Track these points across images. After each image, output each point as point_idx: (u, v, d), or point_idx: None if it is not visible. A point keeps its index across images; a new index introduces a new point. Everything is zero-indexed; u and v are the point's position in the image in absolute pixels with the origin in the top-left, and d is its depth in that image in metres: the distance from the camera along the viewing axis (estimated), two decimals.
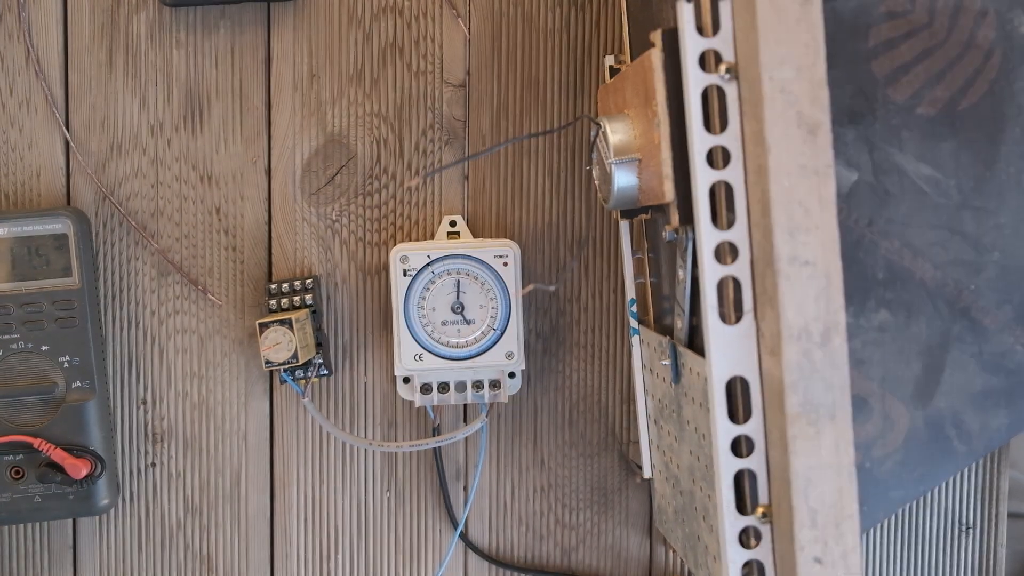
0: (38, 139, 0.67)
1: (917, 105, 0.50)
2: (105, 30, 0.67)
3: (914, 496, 0.51)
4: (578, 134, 0.70)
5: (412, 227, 0.70)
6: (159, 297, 0.69)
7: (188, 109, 0.68)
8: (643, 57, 0.51)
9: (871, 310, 0.50)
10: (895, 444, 0.51)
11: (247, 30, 0.68)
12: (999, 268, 0.50)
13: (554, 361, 0.71)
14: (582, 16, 0.69)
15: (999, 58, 0.50)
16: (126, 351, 0.69)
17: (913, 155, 0.50)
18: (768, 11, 0.43)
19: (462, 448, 0.71)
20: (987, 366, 0.51)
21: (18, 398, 0.64)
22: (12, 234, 0.64)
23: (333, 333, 0.70)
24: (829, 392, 0.44)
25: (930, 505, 0.72)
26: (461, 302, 0.66)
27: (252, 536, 0.70)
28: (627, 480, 0.72)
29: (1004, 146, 0.50)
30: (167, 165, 0.68)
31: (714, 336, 0.47)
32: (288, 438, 0.70)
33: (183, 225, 0.68)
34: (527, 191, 0.70)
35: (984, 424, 0.52)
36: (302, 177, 0.69)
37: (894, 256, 0.50)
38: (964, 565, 0.73)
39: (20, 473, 0.65)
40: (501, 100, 0.70)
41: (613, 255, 0.71)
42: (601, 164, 0.57)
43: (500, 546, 0.72)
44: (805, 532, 0.45)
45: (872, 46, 0.49)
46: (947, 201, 0.50)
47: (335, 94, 0.69)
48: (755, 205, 0.45)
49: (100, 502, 0.66)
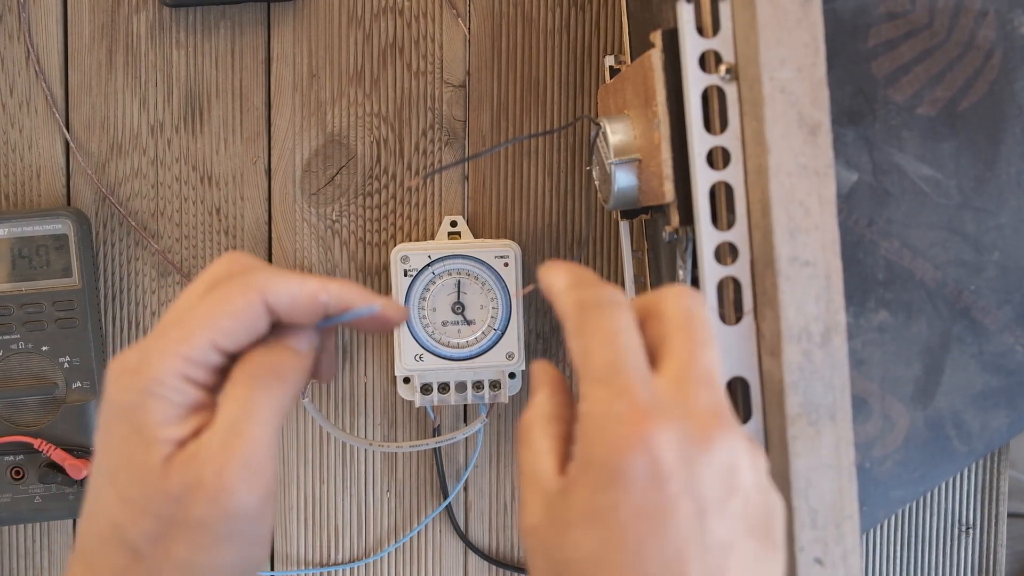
0: (38, 139, 0.67)
1: (917, 105, 0.50)
2: (105, 30, 0.67)
3: (914, 496, 0.51)
4: (578, 134, 0.70)
5: (412, 227, 0.70)
6: (159, 297, 0.69)
7: (188, 109, 0.68)
8: (643, 57, 0.51)
9: (871, 310, 0.50)
10: (895, 444, 0.51)
11: (247, 30, 0.68)
12: (999, 268, 0.50)
13: (554, 361, 0.71)
14: (582, 16, 0.69)
15: (999, 58, 0.50)
16: None
17: (913, 155, 0.50)
18: (768, 11, 0.43)
19: (462, 448, 0.71)
20: (987, 366, 0.51)
21: (18, 398, 0.64)
22: (12, 234, 0.64)
23: (333, 333, 0.70)
24: (829, 392, 0.44)
25: (930, 505, 0.72)
26: (462, 302, 0.66)
27: None
28: None
29: (1004, 146, 0.50)
30: (167, 165, 0.68)
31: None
32: (288, 438, 0.70)
33: (183, 225, 0.68)
34: (527, 191, 0.70)
35: (984, 424, 0.51)
36: (302, 177, 0.69)
37: (894, 256, 0.50)
38: (964, 565, 0.73)
39: (20, 473, 0.65)
40: (501, 100, 0.70)
41: (613, 255, 0.71)
42: (601, 164, 0.57)
43: (500, 546, 0.72)
44: (805, 532, 0.45)
45: (872, 46, 0.49)
46: (947, 201, 0.50)
47: (335, 94, 0.69)
48: (755, 205, 0.45)
49: None
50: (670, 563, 0.30)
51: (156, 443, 0.33)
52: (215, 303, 0.34)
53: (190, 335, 0.34)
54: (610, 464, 0.31)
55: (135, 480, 0.33)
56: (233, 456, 0.33)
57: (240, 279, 0.35)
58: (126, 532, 0.33)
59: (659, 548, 0.30)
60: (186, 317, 0.34)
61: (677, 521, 0.30)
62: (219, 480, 0.32)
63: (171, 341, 0.34)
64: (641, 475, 0.30)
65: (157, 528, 0.33)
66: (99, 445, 0.34)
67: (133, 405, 0.33)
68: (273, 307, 0.35)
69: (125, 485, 0.33)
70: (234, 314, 0.34)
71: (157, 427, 0.33)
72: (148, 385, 0.33)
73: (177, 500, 0.32)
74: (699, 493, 0.31)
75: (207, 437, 0.33)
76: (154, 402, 0.33)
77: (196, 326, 0.34)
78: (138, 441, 0.33)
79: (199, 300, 0.35)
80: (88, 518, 0.35)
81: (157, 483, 0.33)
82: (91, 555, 0.34)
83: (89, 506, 0.35)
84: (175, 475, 0.33)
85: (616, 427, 0.31)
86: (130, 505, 0.33)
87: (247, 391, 0.34)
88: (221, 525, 0.33)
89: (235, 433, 0.33)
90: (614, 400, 0.32)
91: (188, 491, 0.32)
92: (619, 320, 0.34)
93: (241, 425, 0.33)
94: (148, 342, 0.34)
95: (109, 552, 0.33)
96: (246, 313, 0.35)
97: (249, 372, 0.35)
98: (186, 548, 0.33)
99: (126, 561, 0.33)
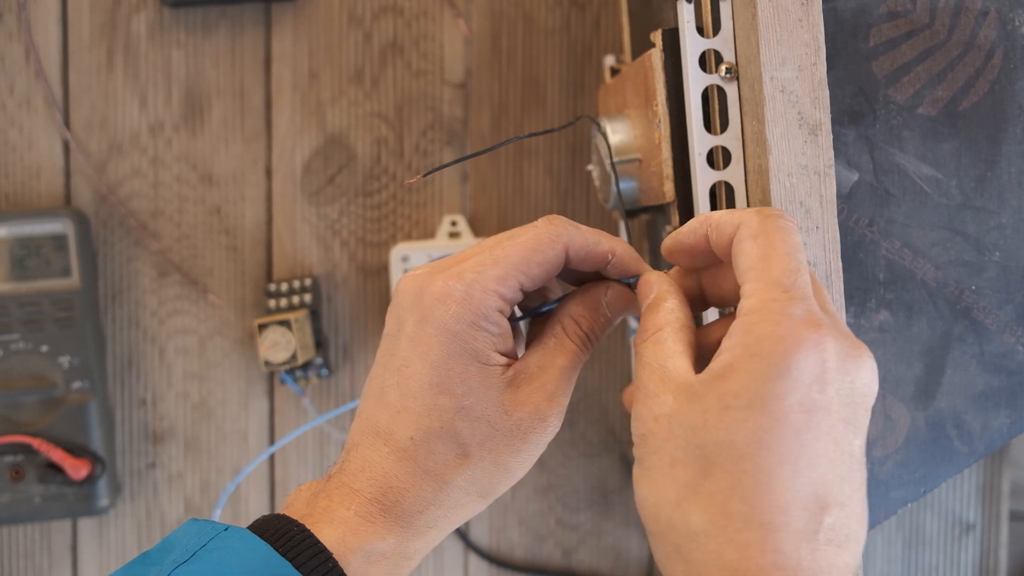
0: (38, 139, 0.67)
1: (918, 105, 0.49)
2: (105, 30, 0.67)
3: (915, 496, 0.51)
4: (578, 134, 0.70)
5: (412, 227, 0.70)
6: (159, 297, 0.69)
7: (188, 109, 0.68)
8: (643, 57, 0.50)
9: (872, 310, 0.50)
10: (896, 444, 0.51)
11: (247, 30, 0.68)
12: (1000, 268, 0.50)
13: None
14: (582, 16, 0.69)
15: (1000, 58, 0.50)
16: (126, 351, 0.69)
17: (914, 155, 0.50)
18: (768, 11, 0.43)
19: None
20: (988, 366, 0.51)
21: (18, 398, 0.64)
22: (12, 234, 0.64)
23: (333, 333, 0.70)
24: None
25: (930, 505, 0.72)
26: None
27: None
28: (627, 480, 0.72)
29: (1005, 146, 0.50)
30: (167, 165, 0.68)
31: None
32: None
33: (183, 225, 0.68)
34: (527, 191, 0.70)
35: (985, 424, 0.51)
36: (302, 177, 0.69)
37: (895, 256, 0.50)
38: (964, 565, 0.72)
39: (20, 474, 0.65)
40: (501, 100, 0.70)
41: None
42: (601, 164, 0.57)
43: (500, 546, 0.72)
44: None
45: (873, 46, 0.49)
46: (948, 201, 0.50)
47: (335, 94, 0.69)
48: (756, 205, 0.45)
49: (100, 503, 0.66)
50: (820, 457, 0.34)
51: (490, 366, 0.40)
52: (529, 251, 0.40)
53: (506, 277, 0.39)
54: (783, 357, 0.34)
55: (473, 393, 0.39)
56: (547, 382, 0.41)
57: (547, 229, 0.40)
58: (459, 433, 0.39)
59: (814, 441, 0.34)
60: (501, 259, 0.40)
61: (831, 421, 0.34)
62: (541, 396, 0.40)
63: (491, 280, 0.39)
64: (810, 373, 0.34)
65: (488, 432, 0.39)
66: (422, 357, 0.39)
67: (464, 333, 0.39)
68: (570, 259, 0.41)
69: (463, 395, 0.39)
70: (543, 263, 0.40)
71: (489, 353, 0.40)
72: (475, 318, 0.39)
73: (507, 412, 0.40)
74: (849, 400, 0.35)
75: (526, 364, 0.41)
76: (481, 332, 0.39)
77: (512, 269, 0.40)
78: (475, 363, 0.39)
79: (509, 241, 0.40)
80: (399, 415, 0.40)
81: (496, 397, 0.39)
82: (412, 451, 0.40)
83: (400, 404, 0.40)
84: (508, 393, 0.40)
85: (791, 326, 0.34)
86: (467, 412, 0.39)
87: (557, 341, 0.42)
88: (535, 435, 0.40)
89: (548, 365, 0.41)
90: (793, 303, 0.35)
91: (517, 405, 0.40)
92: (798, 238, 0.37)
93: (551, 359, 0.41)
94: (468, 275, 0.39)
95: (438, 448, 0.39)
96: (552, 263, 0.40)
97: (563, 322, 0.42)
98: (506, 451, 0.40)
99: (455, 457, 0.39)
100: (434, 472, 0.39)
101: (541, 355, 0.41)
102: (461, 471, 0.40)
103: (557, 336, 0.42)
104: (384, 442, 0.40)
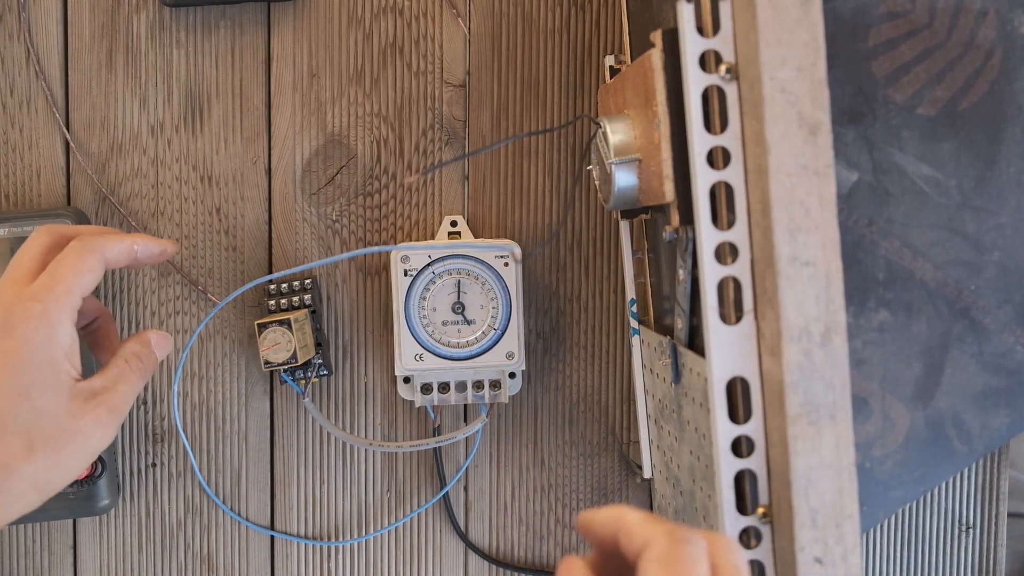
0: (38, 139, 0.67)
1: (917, 105, 0.50)
2: (105, 30, 0.67)
3: (914, 496, 0.51)
4: (578, 134, 0.70)
5: (412, 227, 0.70)
6: (159, 297, 0.69)
7: (188, 109, 0.68)
8: (643, 57, 0.51)
9: (871, 310, 0.50)
10: (895, 444, 0.51)
11: (247, 30, 0.68)
12: (999, 268, 0.50)
13: (554, 361, 0.71)
14: (582, 16, 0.69)
15: (999, 58, 0.50)
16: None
17: (913, 155, 0.50)
18: (768, 11, 0.43)
19: (462, 448, 0.71)
20: (987, 366, 0.51)
21: None
22: (12, 234, 0.64)
23: (333, 333, 0.70)
24: (829, 392, 0.44)
25: (930, 505, 0.72)
26: (462, 302, 0.66)
27: (252, 536, 0.70)
28: (627, 480, 0.72)
29: (1004, 146, 0.50)
30: (167, 165, 0.68)
31: (714, 336, 0.47)
32: (288, 438, 0.70)
33: (183, 225, 0.68)
34: (527, 191, 0.70)
35: (984, 424, 0.52)
36: (302, 177, 0.69)
37: (894, 256, 0.50)
38: (964, 565, 0.73)
39: None
40: (501, 100, 0.70)
41: (613, 255, 0.71)
42: (601, 164, 0.57)
43: (500, 546, 0.72)
44: (805, 532, 0.45)
45: (872, 46, 0.49)
46: (947, 201, 0.50)
47: (335, 94, 0.69)
48: (755, 205, 0.45)
49: (100, 502, 0.66)
50: None
51: (63, 372, 0.47)
52: (75, 266, 0.48)
53: (70, 291, 0.47)
54: None
55: (46, 397, 0.46)
56: (112, 398, 0.49)
57: (79, 244, 0.48)
58: (30, 428, 0.46)
59: None
60: (60, 276, 0.47)
61: None
62: (104, 410, 0.48)
63: (60, 295, 0.47)
64: None
65: (55, 432, 0.46)
66: (6, 365, 0.46)
67: (41, 342, 0.46)
68: (109, 261, 0.49)
69: (37, 396, 0.46)
70: (93, 271, 0.48)
71: (63, 359, 0.47)
72: (52, 329, 0.46)
73: (74, 417, 0.47)
74: None
75: (96, 382, 0.49)
76: (58, 341, 0.47)
77: (73, 284, 0.47)
78: (49, 369, 0.46)
79: (58, 264, 0.48)
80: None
81: (67, 403, 0.47)
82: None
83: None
84: (76, 402, 0.47)
85: None
86: (39, 412, 0.46)
87: (120, 371, 0.50)
88: (94, 441, 0.48)
89: (112, 387, 0.50)
90: None
91: (84, 413, 0.47)
92: (704, 564, 0.38)
93: (116, 386, 0.50)
94: (38, 294, 0.47)
95: (12, 441, 0.46)
96: (98, 270, 0.49)
97: (126, 355, 0.51)
98: (67, 450, 0.47)
99: (22, 450, 0.46)
100: (3, 463, 0.46)
101: (108, 378, 0.49)
102: (27, 463, 0.46)
103: (120, 367, 0.50)
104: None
